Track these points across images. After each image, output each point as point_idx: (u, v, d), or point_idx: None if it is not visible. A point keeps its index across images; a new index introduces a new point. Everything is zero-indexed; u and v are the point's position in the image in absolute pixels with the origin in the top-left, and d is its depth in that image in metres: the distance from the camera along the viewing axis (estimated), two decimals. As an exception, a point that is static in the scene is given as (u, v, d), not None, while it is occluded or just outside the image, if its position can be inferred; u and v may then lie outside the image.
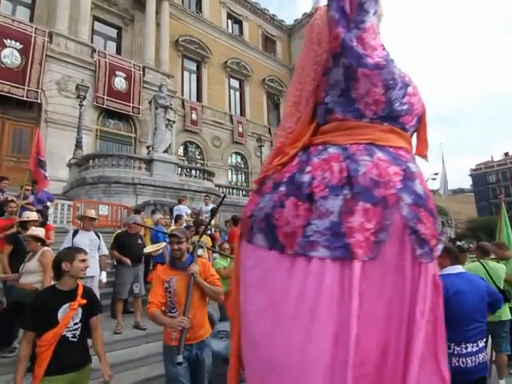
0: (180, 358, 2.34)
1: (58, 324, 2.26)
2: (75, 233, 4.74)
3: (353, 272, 0.89)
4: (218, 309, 4.84)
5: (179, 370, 2.62)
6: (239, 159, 25.16)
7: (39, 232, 4.11)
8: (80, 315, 2.39)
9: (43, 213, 6.73)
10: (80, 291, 2.45)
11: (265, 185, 1.09)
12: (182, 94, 22.02)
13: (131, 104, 17.66)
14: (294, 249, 0.94)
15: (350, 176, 0.96)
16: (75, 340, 2.33)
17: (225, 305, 4.46)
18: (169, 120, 12.60)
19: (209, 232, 8.13)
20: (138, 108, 17.86)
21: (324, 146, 1.04)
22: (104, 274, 4.86)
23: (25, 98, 14.55)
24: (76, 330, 2.35)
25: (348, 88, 1.05)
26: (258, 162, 24.50)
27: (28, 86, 14.58)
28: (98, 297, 4.79)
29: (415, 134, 1.18)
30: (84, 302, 2.40)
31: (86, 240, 4.63)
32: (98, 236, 4.92)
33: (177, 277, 2.74)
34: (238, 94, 26.17)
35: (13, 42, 14.44)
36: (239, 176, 24.96)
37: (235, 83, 25.97)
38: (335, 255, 0.90)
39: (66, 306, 2.32)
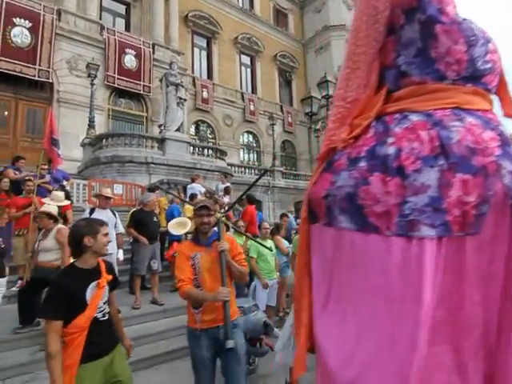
0: (231, 343, 2.16)
1: (87, 306, 2.03)
2: (92, 211, 4.78)
3: (458, 250, 0.82)
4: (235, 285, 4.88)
5: (207, 354, 2.41)
6: (251, 138, 24.92)
7: (52, 209, 4.14)
8: (107, 292, 2.21)
9: (66, 192, 6.85)
10: (103, 267, 2.24)
11: (336, 161, 0.99)
12: (193, 72, 21.68)
13: (142, 82, 17.48)
14: (392, 230, 0.86)
15: (442, 145, 0.87)
16: (105, 319, 2.15)
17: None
18: (180, 98, 12.46)
19: (222, 210, 8.13)
20: (149, 86, 17.68)
21: (402, 114, 0.93)
22: (121, 251, 4.93)
23: (36, 78, 14.52)
24: (105, 308, 2.16)
25: (426, 47, 0.95)
26: (269, 141, 24.22)
27: (39, 66, 14.52)
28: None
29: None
30: (110, 277, 2.23)
31: (104, 218, 4.67)
32: (114, 214, 4.97)
33: (201, 253, 2.52)
34: (249, 70, 25.63)
35: (22, 20, 14.29)
36: (251, 155, 24.79)
37: (246, 60, 25.39)
38: (438, 233, 0.83)
39: (92, 284, 2.09)
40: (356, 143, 0.97)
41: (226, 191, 9.18)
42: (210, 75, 22.79)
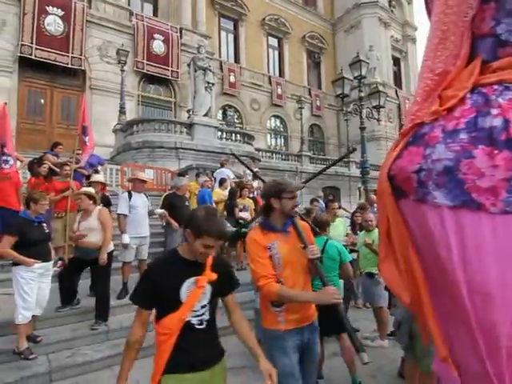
0: (366, 357, 1.69)
1: (180, 305, 1.62)
2: (129, 194, 4.88)
3: None
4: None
5: (294, 360, 2.01)
6: (278, 122, 24.61)
7: (92, 190, 4.25)
8: (209, 295, 1.68)
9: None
10: (209, 261, 1.70)
11: (428, 134, 0.91)
12: (220, 56, 21.51)
13: (170, 68, 17.56)
14: (499, 207, 0.78)
15: None
16: (202, 327, 1.66)
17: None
18: (208, 82, 12.41)
19: (251, 195, 8.11)
20: (177, 72, 17.74)
21: (503, 85, 0.84)
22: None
23: (69, 66, 14.91)
24: (203, 314, 1.67)
25: None
26: (297, 125, 23.84)
27: (72, 53, 14.87)
28: (147, 255, 4.99)
29: None
30: (215, 276, 1.68)
31: (140, 201, 4.78)
32: (147, 198, 5.06)
33: (278, 241, 2.04)
34: (276, 53, 25.12)
35: (54, 8, 14.61)
36: (278, 140, 24.55)
37: (274, 42, 24.86)
38: None
39: (190, 281, 1.64)
40: (451, 115, 0.88)
41: (256, 176, 9.11)
42: (236, 59, 22.55)
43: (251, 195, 7.97)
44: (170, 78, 17.72)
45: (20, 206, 5.56)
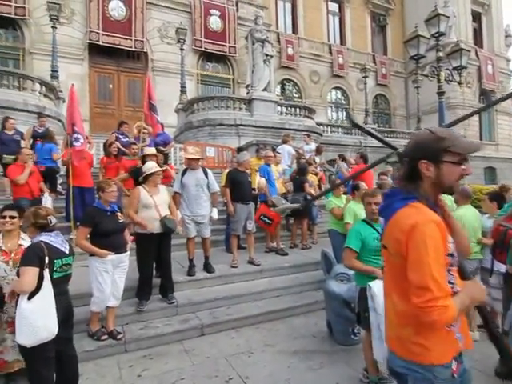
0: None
1: None
2: (184, 172, 4.81)
3: None
4: (332, 250, 4.54)
5: None
6: (339, 95, 23.31)
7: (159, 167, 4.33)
8: None
9: (165, 155, 7.18)
10: None
11: None
12: (277, 27, 20.70)
13: (227, 44, 17.34)
14: None
15: None
16: None
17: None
18: (266, 55, 11.97)
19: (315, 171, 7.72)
20: (234, 47, 17.47)
21: None
22: (215, 210, 4.89)
23: (133, 49, 15.42)
24: None
25: None
26: (360, 96, 22.37)
27: (134, 37, 15.32)
28: (209, 233, 4.92)
29: None
30: None
31: (192, 180, 4.67)
32: (206, 174, 4.82)
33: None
34: (336, 19, 23.49)
35: (117, -7, 15.04)
36: (339, 113, 23.34)
37: (334, 7, 23.22)
38: None
39: None
40: None
41: (318, 151, 8.67)
42: (294, 29, 21.54)
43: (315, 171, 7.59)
44: (227, 54, 17.54)
45: (92, 183, 5.88)
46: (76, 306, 3.56)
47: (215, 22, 17.01)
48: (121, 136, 7.36)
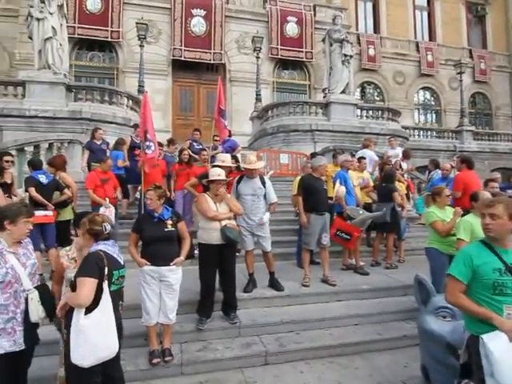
0: None
1: None
2: (239, 180, 4.38)
3: None
4: (431, 274, 3.69)
5: None
6: (428, 95, 21.14)
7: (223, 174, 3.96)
8: None
9: (236, 158, 6.99)
10: None
11: None
12: (357, 29, 19.65)
13: (304, 49, 16.96)
14: None
15: None
16: None
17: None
18: (345, 55, 11.20)
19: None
20: (311, 52, 17.00)
21: None
22: (268, 214, 4.34)
23: (212, 62, 15.95)
24: None
25: None
26: (453, 96, 20.00)
27: (213, 50, 15.84)
28: (269, 246, 4.30)
29: None
30: None
31: (249, 189, 4.23)
32: (264, 183, 4.37)
33: None
34: (425, 14, 21.46)
35: (198, 10, 15.75)
36: (428, 115, 21.13)
37: (421, 1, 21.26)
38: None
39: None
40: None
41: (406, 155, 7.62)
42: (376, 28, 20.22)
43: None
44: (303, 59, 17.14)
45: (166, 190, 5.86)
46: (132, 317, 3.42)
47: (292, 29, 16.77)
48: (195, 143, 7.39)
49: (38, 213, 4.62)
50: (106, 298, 2.13)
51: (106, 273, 2.13)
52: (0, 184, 4.78)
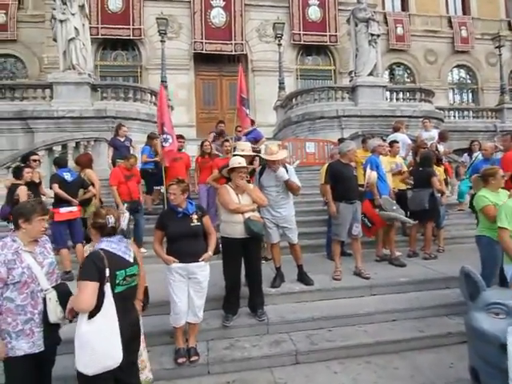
0: None
1: None
2: (262, 171, 4.14)
3: None
4: (482, 265, 3.32)
5: None
6: (463, 73, 19.86)
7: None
8: None
9: (257, 151, 6.79)
10: None
11: None
12: (383, 8, 18.69)
13: (327, 33, 16.37)
14: None
15: None
16: None
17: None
18: (372, 35, 10.63)
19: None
20: (335, 35, 16.38)
21: None
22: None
23: (233, 53, 15.72)
24: None
25: None
26: (491, 73, 18.68)
27: (234, 40, 15.59)
28: (296, 237, 4.05)
29: None
30: None
31: (271, 181, 3.98)
32: (287, 171, 4.03)
33: None
34: (457, -14, 20.07)
35: (217, 1, 15.53)
36: (464, 95, 19.88)
37: (453, -28, 19.90)
38: None
39: None
40: None
41: (443, 137, 7.07)
42: (404, 6, 19.16)
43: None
44: (327, 43, 16.55)
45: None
46: (156, 314, 3.33)
47: (314, 12, 16.20)
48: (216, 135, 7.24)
49: (63, 209, 4.68)
50: (109, 303, 1.96)
51: (107, 275, 1.96)
52: (27, 183, 4.87)
